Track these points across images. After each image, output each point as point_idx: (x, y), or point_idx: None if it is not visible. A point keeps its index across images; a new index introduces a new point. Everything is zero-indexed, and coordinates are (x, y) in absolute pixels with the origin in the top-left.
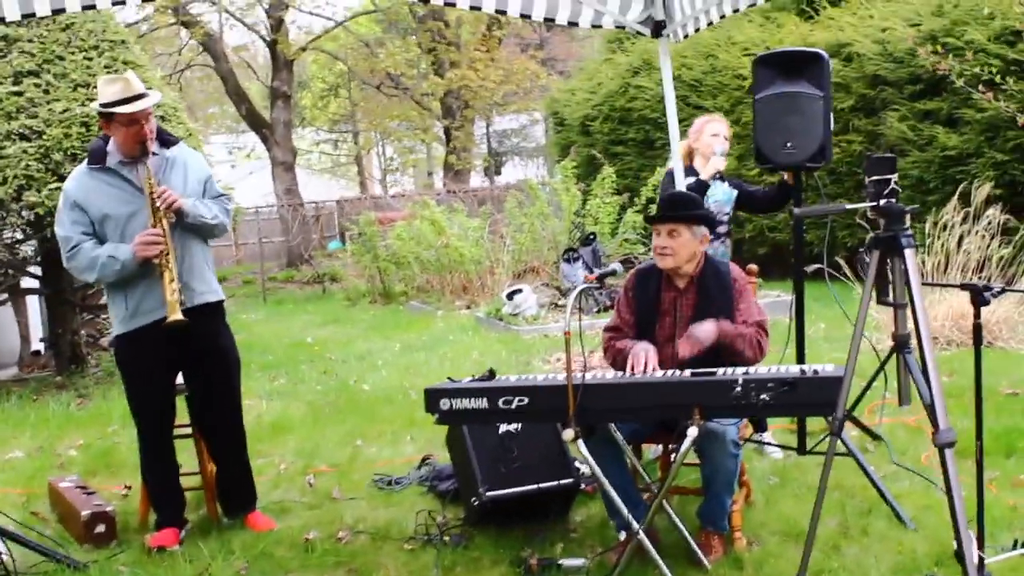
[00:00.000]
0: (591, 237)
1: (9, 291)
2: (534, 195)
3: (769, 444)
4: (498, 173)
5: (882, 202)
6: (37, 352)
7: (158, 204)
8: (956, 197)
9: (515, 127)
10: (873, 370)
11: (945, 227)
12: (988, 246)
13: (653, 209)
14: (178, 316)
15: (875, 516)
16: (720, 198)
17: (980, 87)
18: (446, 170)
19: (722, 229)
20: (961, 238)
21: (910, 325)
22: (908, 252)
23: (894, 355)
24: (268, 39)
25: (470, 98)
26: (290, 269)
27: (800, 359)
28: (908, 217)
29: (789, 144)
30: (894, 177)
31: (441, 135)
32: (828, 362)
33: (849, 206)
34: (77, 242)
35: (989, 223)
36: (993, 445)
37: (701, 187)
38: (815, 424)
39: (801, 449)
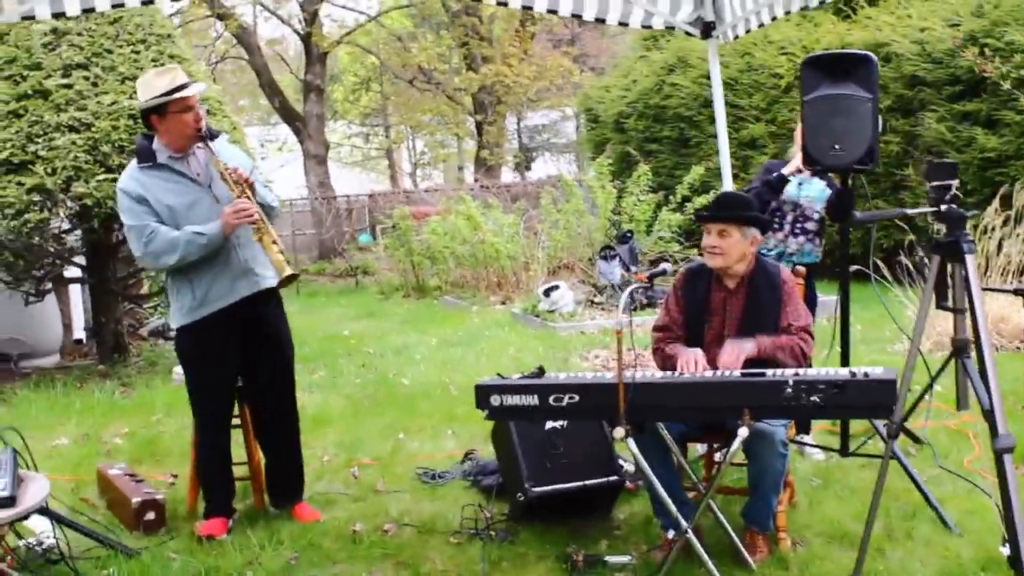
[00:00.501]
0: (628, 235)
1: (53, 280)
2: (569, 192)
3: (812, 445)
4: (528, 169)
5: (943, 207)
6: (79, 341)
7: (234, 178)
8: (997, 200)
9: (546, 123)
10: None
11: (985, 230)
12: None
13: (690, 208)
14: (289, 271)
15: (919, 520)
16: (812, 195)
17: None
18: (477, 165)
19: (811, 227)
20: (1001, 241)
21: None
22: (969, 257)
23: (952, 360)
24: (302, 32)
25: (503, 94)
26: (322, 262)
27: (844, 361)
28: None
29: (837, 146)
30: (955, 182)
31: (473, 130)
32: (867, 364)
33: (911, 211)
34: (153, 228)
35: None
36: None
37: (780, 182)
38: (857, 426)
39: (844, 451)
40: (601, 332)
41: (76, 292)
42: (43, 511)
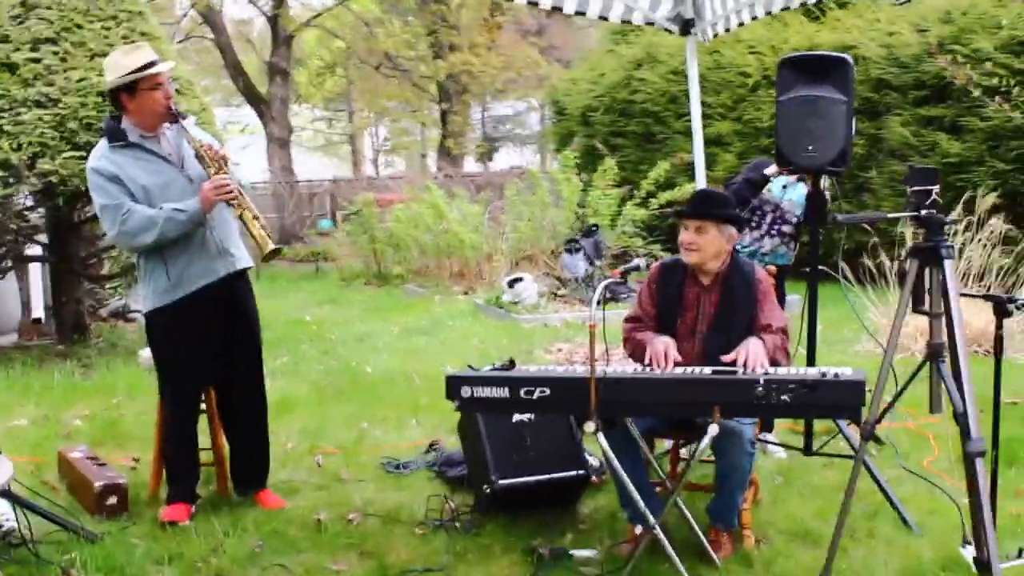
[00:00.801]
0: (594, 228)
1: (13, 258)
2: (535, 184)
3: (774, 444)
4: (490, 159)
5: (923, 212)
6: (38, 320)
7: (210, 155)
8: (960, 205)
9: (510, 113)
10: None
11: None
12: (989, 255)
13: (655, 203)
14: (272, 246)
15: (881, 519)
16: (794, 199)
17: (997, 97)
18: (440, 153)
19: (787, 229)
20: (963, 246)
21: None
22: (947, 263)
23: (927, 363)
24: (269, 14)
25: (469, 83)
26: (282, 246)
27: (811, 361)
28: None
29: (810, 147)
30: (935, 188)
31: (437, 118)
32: (829, 364)
33: (892, 215)
34: (128, 207)
35: (991, 232)
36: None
37: (763, 180)
38: (819, 425)
39: (808, 450)
40: (564, 325)
41: (36, 270)
42: (4, 493)
